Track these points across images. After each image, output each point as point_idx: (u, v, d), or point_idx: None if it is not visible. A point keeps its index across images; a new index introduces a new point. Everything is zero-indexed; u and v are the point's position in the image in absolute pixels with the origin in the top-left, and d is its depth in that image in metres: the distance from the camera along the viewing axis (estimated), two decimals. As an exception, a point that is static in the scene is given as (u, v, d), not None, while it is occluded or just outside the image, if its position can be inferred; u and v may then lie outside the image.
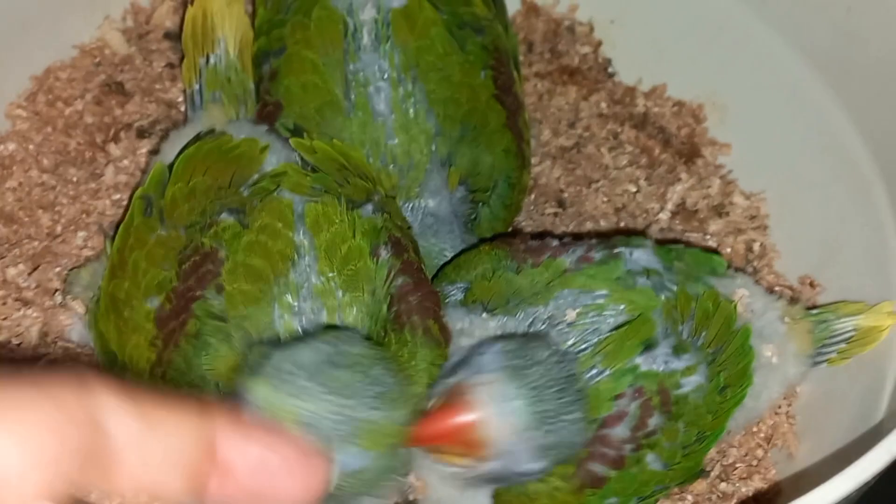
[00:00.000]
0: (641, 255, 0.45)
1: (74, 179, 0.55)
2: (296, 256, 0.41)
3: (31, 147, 0.56)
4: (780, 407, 0.53)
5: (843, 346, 0.49)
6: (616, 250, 0.45)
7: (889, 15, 0.52)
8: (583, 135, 0.64)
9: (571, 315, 0.42)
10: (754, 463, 0.52)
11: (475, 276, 0.45)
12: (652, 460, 0.43)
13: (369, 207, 0.43)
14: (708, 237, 0.58)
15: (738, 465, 0.51)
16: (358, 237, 0.42)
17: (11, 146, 0.55)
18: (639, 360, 0.42)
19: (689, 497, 0.50)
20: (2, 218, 0.53)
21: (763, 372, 0.47)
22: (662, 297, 0.44)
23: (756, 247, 0.58)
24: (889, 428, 0.38)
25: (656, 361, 0.43)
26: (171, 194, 0.43)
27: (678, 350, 0.43)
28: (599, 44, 0.68)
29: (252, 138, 0.45)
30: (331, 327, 0.40)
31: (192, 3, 0.52)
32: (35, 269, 0.51)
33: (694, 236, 0.58)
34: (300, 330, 0.40)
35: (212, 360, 0.40)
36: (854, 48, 0.55)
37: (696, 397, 0.43)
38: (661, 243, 0.55)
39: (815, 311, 0.51)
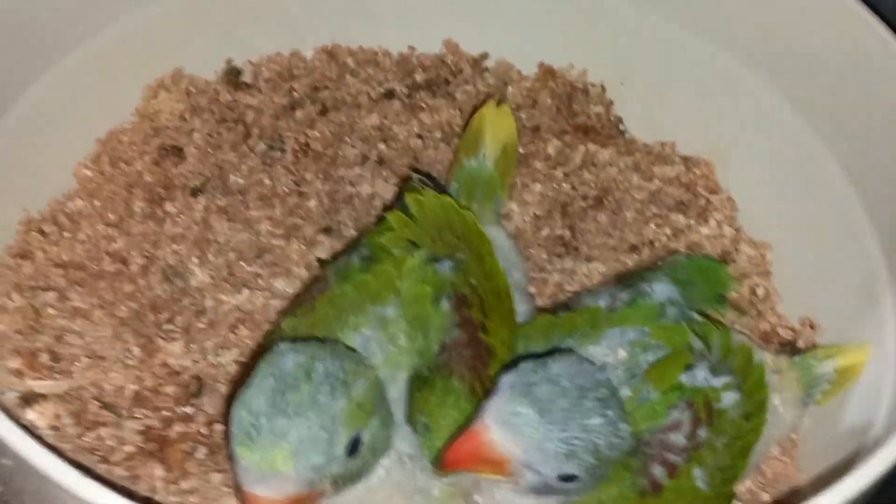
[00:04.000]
0: (661, 288, 0.50)
1: (136, 231, 0.61)
2: (391, 297, 0.47)
3: (96, 203, 0.61)
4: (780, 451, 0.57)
5: (826, 386, 0.54)
6: (639, 287, 0.50)
7: (874, 77, 0.57)
8: (596, 186, 0.69)
9: (622, 353, 0.47)
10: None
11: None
12: (698, 476, 0.46)
13: (447, 264, 0.49)
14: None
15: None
16: (427, 285, 0.47)
17: (80, 203, 0.61)
18: (683, 378, 0.46)
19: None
20: (72, 267, 0.58)
21: (770, 416, 0.51)
22: (690, 327, 0.48)
23: (759, 291, 0.63)
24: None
25: (697, 379, 0.47)
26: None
27: (714, 370, 0.47)
28: (611, 103, 0.74)
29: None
30: None
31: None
32: (103, 305, 0.57)
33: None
34: (356, 348, 0.45)
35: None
36: (845, 106, 0.60)
37: (734, 414, 0.47)
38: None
39: (796, 359, 0.55)
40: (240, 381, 0.55)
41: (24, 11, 0.55)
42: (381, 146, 0.69)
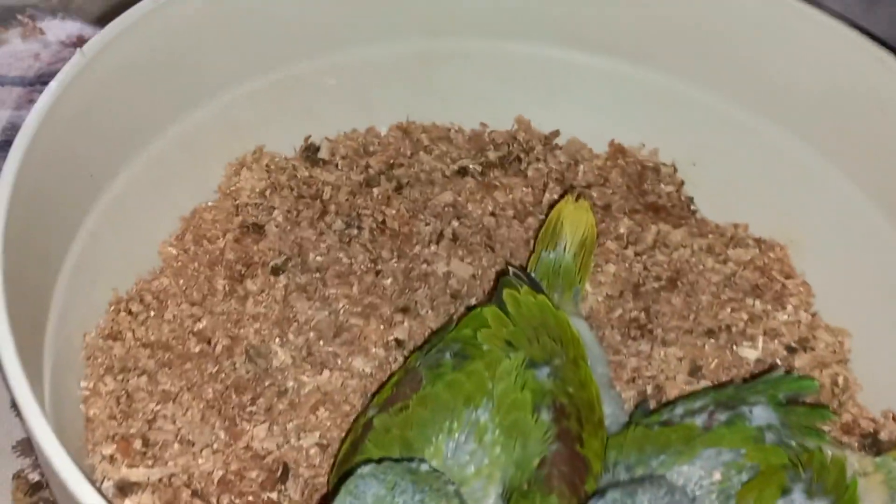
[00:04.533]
0: (761, 412, 0.50)
1: (219, 310, 0.62)
2: (484, 400, 0.46)
3: (181, 282, 0.62)
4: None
5: None
6: (738, 410, 0.50)
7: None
8: (669, 267, 0.69)
9: (717, 475, 0.46)
10: None
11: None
12: None
13: (545, 370, 0.49)
14: (794, 372, 0.63)
15: None
16: (525, 392, 0.47)
17: (165, 281, 0.62)
18: (780, 502, 0.46)
19: None
20: (160, 348, 0.59)
21: None
22: (786, 452, 0.48)
23: (840, 380, 0.63)
24: None
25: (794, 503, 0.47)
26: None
27: (809, 494, 0.47)
28: (682, 183, 0.74)
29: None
30: None
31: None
32: (190, 387, 0.57)
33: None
34: (447, 454, 0.45)
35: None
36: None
37: None
38: (756, 376, 0.60)
39: (879, 460, 0.54)
40: (321, 467, 0.56)
41: (116, 99, 0.56)
42: (455, 223, 0.70)
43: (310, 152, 0.72)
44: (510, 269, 0.57)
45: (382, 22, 0.69)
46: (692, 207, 0.73)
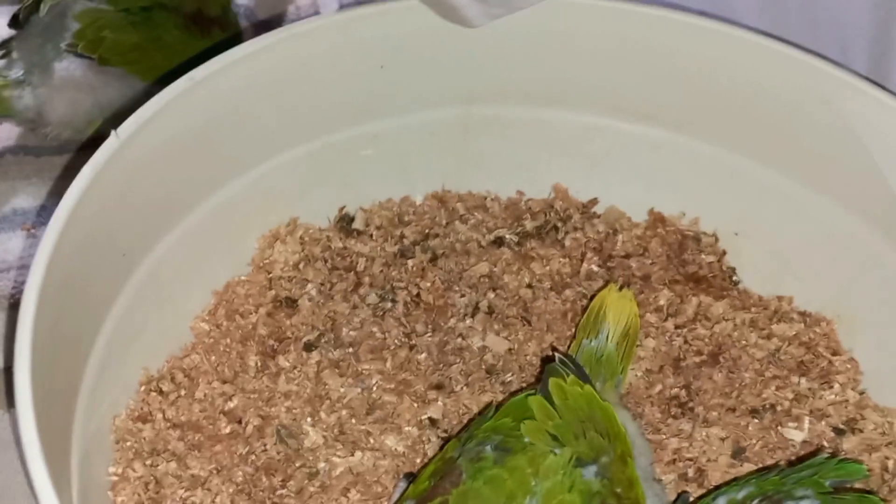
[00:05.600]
0: None
1: (250, 388, 0.61)
2: (527, 499, 0.45)
3: (213, 358, 0.62)
4: None
5: None
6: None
7: None
8: (710, 342, 0.67)
9: None
10: None
11: None
12: None
13: (592, 469, 0.47)
14: (842, 455, 0.60)
15: None
16: (574, 494, 0.46)
17: (196, 358, 0.61)
18: None
19: None
20: (190, 429, 0.58)
21: None
22: None
23: (890, 465, 0.60)
24: None
25: None
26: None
27: None
28: (724, 253, 0.72)
29: None
30: None
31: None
32: (220, 470, 0.56)
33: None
34: None
35: None
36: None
37: None
38: (802, 458, 0.58)
39: None
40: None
41: (150, 178, 0.56)
42: (491, 295, 0.69)
43: (344, 223, 0.71)
44: (556, 355, 0.55)
45: (420, 92, 0.69)
46: (734, 278, 0.72)
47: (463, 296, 0.68)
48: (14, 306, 0.68)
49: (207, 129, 0.59)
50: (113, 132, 0.52)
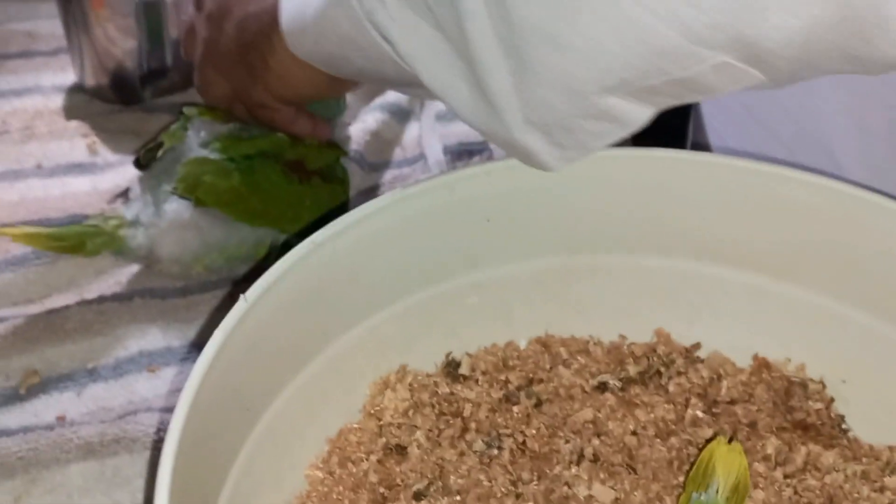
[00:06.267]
0: None
1: (362, 539, 0.63)
2: None
3: (326, 507, 0.64)
4: None
5: None
6: None
7: None
8: (822, 493, 0.66)
9: None
10: None
11: None
12: None
13: None
14: None
15: None
16: None
17: (311, 507, 0.64)
18: None
19: None
20: (305, 579, 0.60)
21: None
22: None
23: None
24: None
25: None
26: None
27: None
28: (832, 401, 0.72)
29: None
30: None
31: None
32: None
33: None
34: None
35: None
36: None
37: None
38: None
39: None
40: None
41: (272, 336, 0.60)
42: (596, 442, 0.69)
43: (451, 368, 0.73)
44: None
45: (523, 242, 0.72)
46: (843, 426, 0.71)
47: (567, 441, 0.69)
48: (141, 449, 0.71)
49: (325, 286, 0.62)
50: (242, 296, 0.56)
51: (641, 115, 0.57)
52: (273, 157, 0.83)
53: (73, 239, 0.81)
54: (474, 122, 0.61)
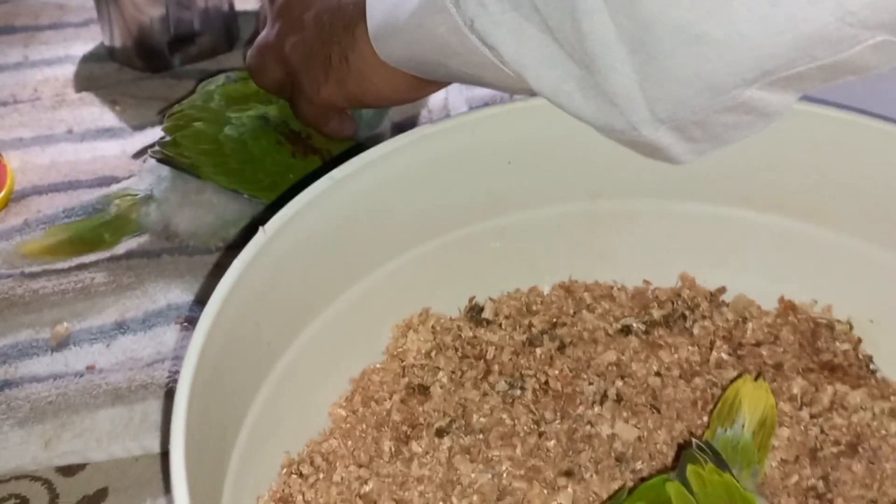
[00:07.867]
0: None
1: (385, 472, 0.63)
2: None
3: (349, 443, 0.64)
4: None
5: None
6: None
7: None
8: (848, 431, 0.65)
9: None
10: None
11: None
12: None
13: None
14: None
15: None
16: None
17: (334, 443, 0.64)
18: None
19: None
20: (328, 511, 0.60)
21: None
22: None
23: None
24: None
25: None
26: None
27: None
28: (859, 341, 0.71)
29: None
30: None
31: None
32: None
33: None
34: None
35: None
36: None
37: None
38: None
39: None
40: None
41: (293, 272, 0.60)
42: (619, 383, 0.69)
43: (474, 312, 0.73)
44: (693, 441, 0.55)
45: (547, 187, 0.71)
46: (871, 367, 0.70)
47: (591, 383, 0.69)
48: (169, 395, 0.72)
49: (346, 225, 0.63)
50: (261, 228, 0.57)
51: (784, 103, 0.54)
52: (275, 125, 0.81)
53: (91, 234, 0.83)
54: (591, 120, 0.58)
